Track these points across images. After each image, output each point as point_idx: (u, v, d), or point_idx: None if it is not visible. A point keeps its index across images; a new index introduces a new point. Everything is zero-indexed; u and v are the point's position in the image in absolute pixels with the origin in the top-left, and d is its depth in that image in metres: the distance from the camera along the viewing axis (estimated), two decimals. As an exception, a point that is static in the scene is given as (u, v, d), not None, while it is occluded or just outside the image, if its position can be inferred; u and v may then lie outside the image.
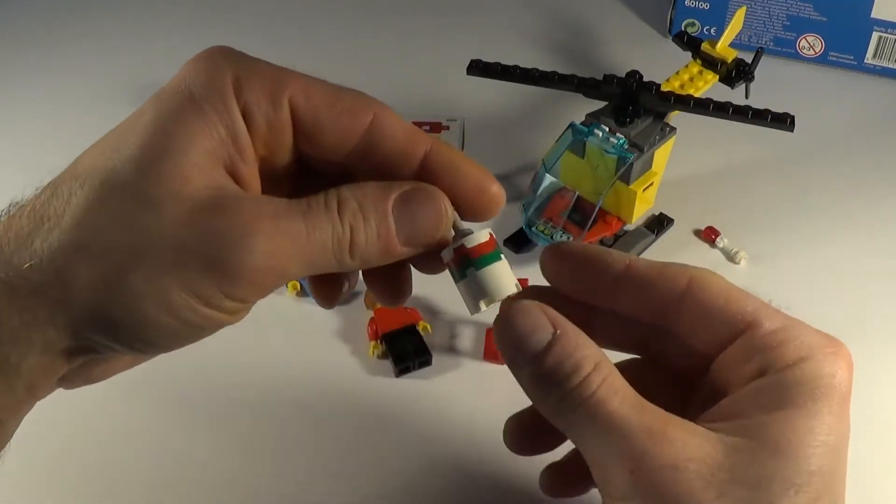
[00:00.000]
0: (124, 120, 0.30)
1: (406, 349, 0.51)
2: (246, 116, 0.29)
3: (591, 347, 0.29)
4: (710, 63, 0.65)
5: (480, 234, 0.30)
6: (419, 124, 0.69)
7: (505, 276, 0.30)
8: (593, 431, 0.27)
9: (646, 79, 0.58)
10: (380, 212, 0.29)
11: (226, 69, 0.29)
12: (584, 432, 0.28)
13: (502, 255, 0.31)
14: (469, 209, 0.31)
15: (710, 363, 0.31)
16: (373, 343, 0.52)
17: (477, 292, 0.30)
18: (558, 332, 0.29)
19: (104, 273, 0.27)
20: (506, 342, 0.30)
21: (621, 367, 0.31)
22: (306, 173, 0.32)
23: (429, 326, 0.53)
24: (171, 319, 0.27)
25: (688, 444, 0.26)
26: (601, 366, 0.28)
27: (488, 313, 0.31)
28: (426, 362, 0.51)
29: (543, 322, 0.29)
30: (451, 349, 0.53)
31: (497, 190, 0.31)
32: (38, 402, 0.29)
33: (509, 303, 0.30)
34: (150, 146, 0.28)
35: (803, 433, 0.26)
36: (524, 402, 0.50)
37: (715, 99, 0.58)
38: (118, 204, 0.27)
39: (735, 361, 0.30)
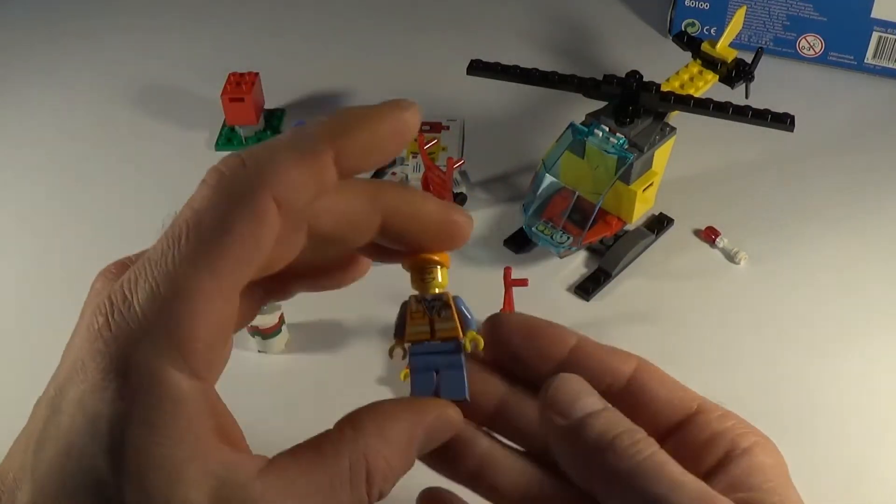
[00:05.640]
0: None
1: None
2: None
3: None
4: (710, 63, 0.65)
5: None
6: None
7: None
8: (645, 487, 0.28)
9: (646, 79, 0.58)
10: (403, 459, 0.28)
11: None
12: (634, 487, 0.28)
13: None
14: (435, 242, 0.30)
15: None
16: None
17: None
18: (609, 406, 0.30)
19: None
20: (557, 400, 0.30)
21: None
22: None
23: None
24: None
25: None
26: (650, 438, 0.29)
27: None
28: None
29: (594, 393, 0.30)
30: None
31: (458, 218, 0.30)
32: None
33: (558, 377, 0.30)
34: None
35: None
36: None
37: (715, 99, 0.58)
38: None
39: (692, 443, 0.31)
